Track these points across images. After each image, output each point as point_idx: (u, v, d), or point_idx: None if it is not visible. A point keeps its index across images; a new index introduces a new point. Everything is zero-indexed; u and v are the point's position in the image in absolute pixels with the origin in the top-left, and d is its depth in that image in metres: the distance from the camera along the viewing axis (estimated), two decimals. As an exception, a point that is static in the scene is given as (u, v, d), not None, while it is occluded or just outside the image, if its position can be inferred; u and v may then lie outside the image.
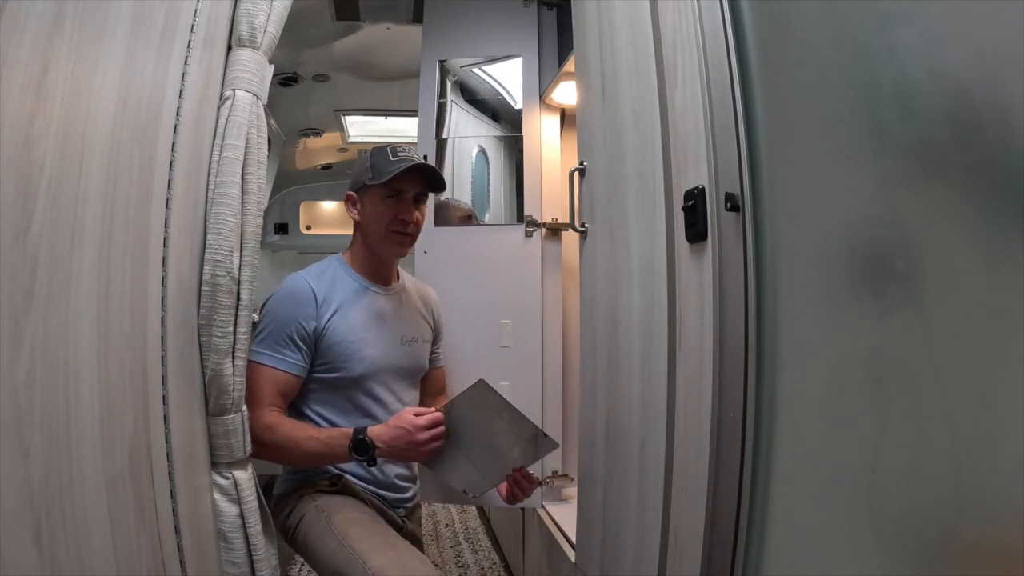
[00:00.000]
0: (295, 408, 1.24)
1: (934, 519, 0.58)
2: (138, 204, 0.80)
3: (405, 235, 1.27)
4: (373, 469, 1.26)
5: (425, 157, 1.70)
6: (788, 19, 0.75)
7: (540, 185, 1.70)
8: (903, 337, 0.61)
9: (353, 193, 1.29)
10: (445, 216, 1.70)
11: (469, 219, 1.71)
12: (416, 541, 1.34)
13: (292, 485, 1.25)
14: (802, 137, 0.74)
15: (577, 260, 1.35)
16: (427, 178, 1.27)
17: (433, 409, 1.18)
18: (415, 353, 1.35)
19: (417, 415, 1.15)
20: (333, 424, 1.22)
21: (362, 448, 1.13)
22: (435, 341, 1.46)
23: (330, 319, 1.21)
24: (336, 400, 1.23)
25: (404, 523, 1.32)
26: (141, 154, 0.81)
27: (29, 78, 0.62)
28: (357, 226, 1.30)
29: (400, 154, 1.25)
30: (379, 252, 1.28)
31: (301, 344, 1.19)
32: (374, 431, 1.15)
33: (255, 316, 1.04)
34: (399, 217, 1.25)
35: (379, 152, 1.26)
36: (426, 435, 1.14)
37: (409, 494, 1.35)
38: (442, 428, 1.15)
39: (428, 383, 1.46)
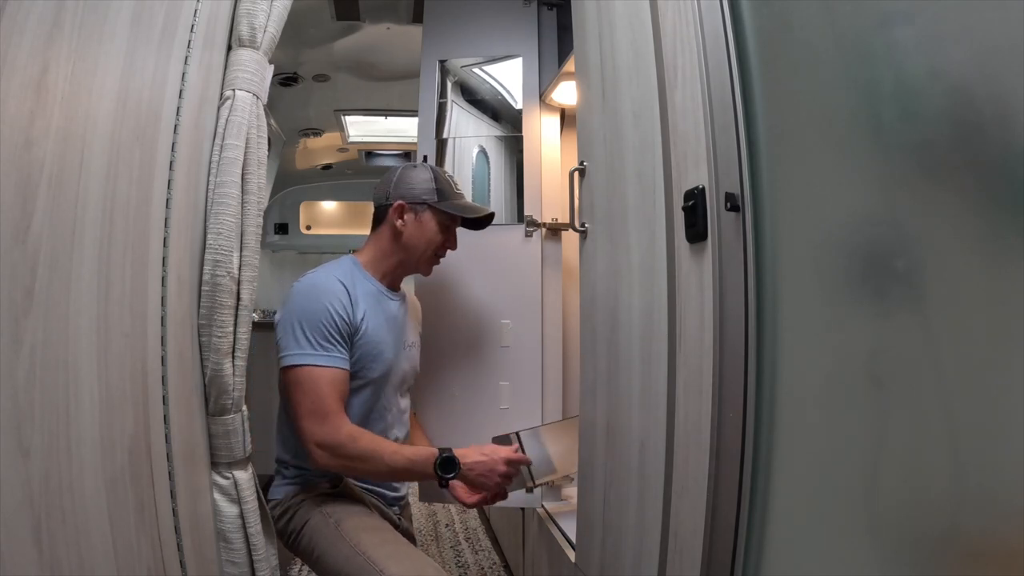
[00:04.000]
0: None
1: (934, 519, 0.58)
2: (138, 204, 0.80)
3: (439, 260, 1.34)
4: None
5: (424, 158, 1.71)
6: (788, 19, 0.75)
7: (540, 185, 1.70)
8: (903, 337, 0.61)
9: (406, 204, 1.28)
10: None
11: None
12: (411, 538, 1.36)
13: (291, 489, 1.24)
14: (802, 137, 0.74)
15: (577, 260, 1.35)
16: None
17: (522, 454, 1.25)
18: (414, 358, 1.38)
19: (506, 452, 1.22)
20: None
21: (449, 466, 1.14)
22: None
23: (362, 318, 1.21)
24: (349, 401, 1.22)
25: (400, 520, 1.33)
26: (141, 154, 0.81)
27: (29, 78, 0.62)
28: (395, 235, 1.29)
29: (459, 188, 1.34)
30: (411, 267, 1.32)
31: (346, 338, 1.17)
32: (459, 451, 1.18)
33: (255, 316, 1.04)
34: (446, 245, 1.33)
35: (439, 175, 1.32)
36: (507, 470, 1.19)
37: (403, 492, 1.37)
38: (516, 470, 1.22)
39: None
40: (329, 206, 4.48)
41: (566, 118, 1.82)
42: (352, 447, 1.12)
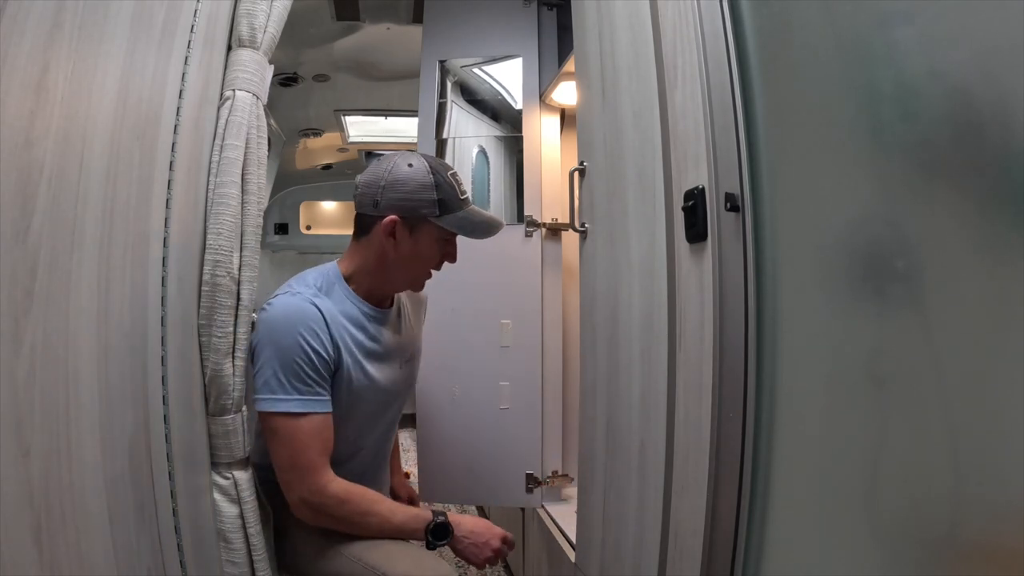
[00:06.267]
0: None
1: (934, 519, 0.58)
2: (138, 204, 0.80)
3: (431, 275, 1.16)
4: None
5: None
6: (788, 19, 0.75)
7: (540, 185, 1.70)
8: (903, 337, 0.61)
9: (400, 219, 1.07)
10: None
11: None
12: None
13: (269, 501, 1.10)
14: (802, 137, 0.74)
15: (577, 260, 1.35)
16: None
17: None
18: (412, 370, 1.27)
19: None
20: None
21: (442, 532, 1.05)
22: None
23: (342, 353, 1.05)
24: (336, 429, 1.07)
25: None
26: (141, 154, 0.81)
27: (29, 78, 0.62)
28: (382, 254, 1.09)
29: (463, 187, 1.12)
30: (402, 285, 1.16)
31: (325, 374, 1.03)
32: (453, 518, 1.08)
33: (255, 316, 1.04)
34: (444, 260, 1.14)
35: (444, 180, 1.08)
36: (499, 547, 1.09)
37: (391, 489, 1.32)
38: (506, 552, 1.12)
39: None
40: (329, 206, 4.48)
41: (566, 118, 1.82)
42: (340, 510, 1.01)
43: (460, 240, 1.24)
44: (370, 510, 1.03)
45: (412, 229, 1.08)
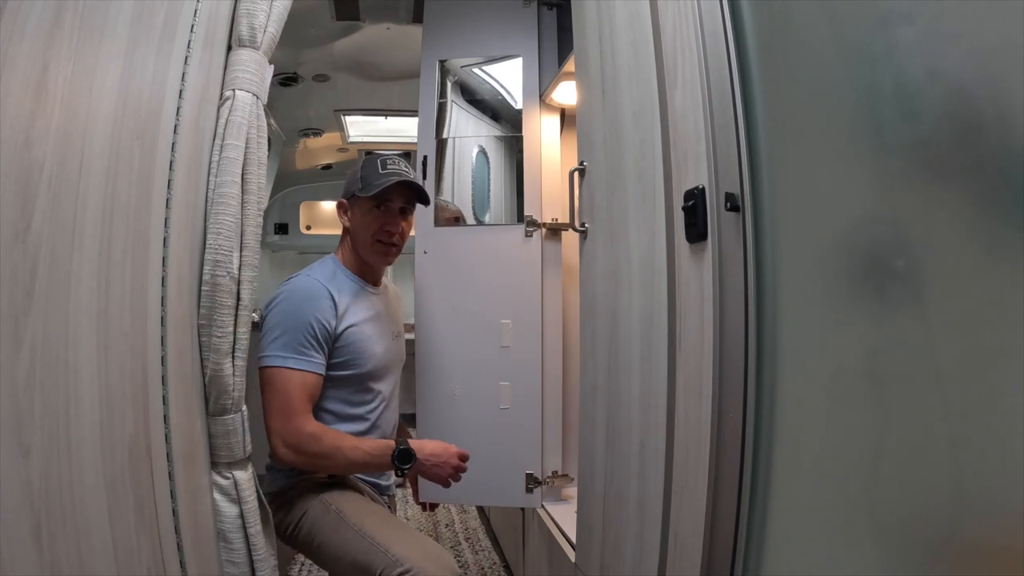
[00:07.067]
0: None
1: (934, 519, 0.58)
2: (138, 204, 0.80)
3: (390, 245, 1.34)
4: None
5: (424, 158, 1.71)
6: (788, 19, 0.75)
7: (540, 185, 1.70)
8: (903, 337, 0.61)
9: (344, 201, 1.36)
10: (443, 216, 1.71)
11: (457, 220, 1.71)
12: None
13: (287, 482, 1.26)
14: (802, 137, 0.74)
15: (577, 260, 1.35)
16: (413, 191, 1.36)
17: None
18: (401, 346, 1.44)
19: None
20: (335, 415, 1.25)
21: (406, 457, 1.21)
22: None
23: (346, 317, 1.25)
24: (341, 395, 1.27)
25: (388, 509, 1.37)
26: (141, 154, 0.81)
27: (29, 78, 0.62)
28: (347, 231, 1.37)
29: (390, 166, 1.33)
30: (366, 259, 1.35)
31: (323, 344, 1.21)
32: (413, 443, 1.24)
33: (255, 316, 1.04)
34: (384, 228, 1.33)
35: (369, 163, 1.34)
36: (459, 464, 1.27)
37: (391, 480, 1.42)
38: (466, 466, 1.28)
39: None
40: (329, 206, 4.48)
41: (566, 118, 1.82)
42: (314, 446, 1.17)
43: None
44: (341, 444, 1.20)
45: (352, 206, 1.35)
